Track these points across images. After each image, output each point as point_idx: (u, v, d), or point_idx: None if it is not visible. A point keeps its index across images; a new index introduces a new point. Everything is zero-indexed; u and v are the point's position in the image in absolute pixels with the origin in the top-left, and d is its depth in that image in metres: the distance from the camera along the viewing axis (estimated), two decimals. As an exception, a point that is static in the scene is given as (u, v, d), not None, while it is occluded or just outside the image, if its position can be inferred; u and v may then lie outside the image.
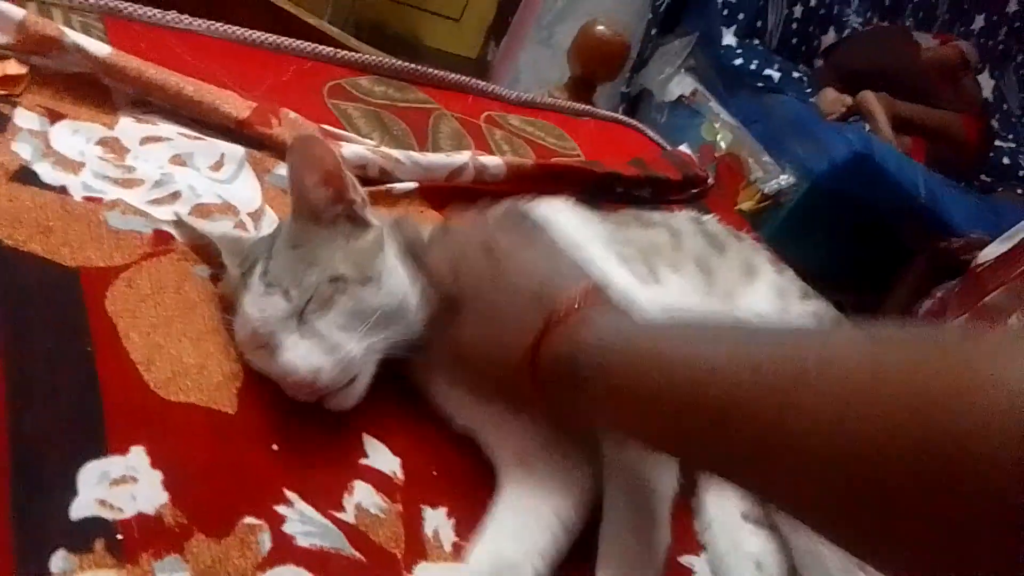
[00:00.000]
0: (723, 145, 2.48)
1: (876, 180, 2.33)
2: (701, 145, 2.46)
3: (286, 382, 0.54)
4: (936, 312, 1.76)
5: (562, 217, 0.69)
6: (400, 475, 0.56)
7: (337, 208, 0.59)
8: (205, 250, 0.63)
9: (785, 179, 2.34)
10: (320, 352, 0.54)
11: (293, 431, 0.54)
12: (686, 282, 0.70)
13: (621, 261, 0.68)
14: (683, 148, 1.24)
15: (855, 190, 2.34)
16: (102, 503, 0.45)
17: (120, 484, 0.46)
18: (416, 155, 0.84)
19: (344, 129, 0.89)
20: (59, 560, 0.42)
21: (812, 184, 2.40)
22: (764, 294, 0.73)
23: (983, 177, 2.93)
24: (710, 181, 1.17)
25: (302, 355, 0.53)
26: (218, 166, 0.74)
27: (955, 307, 1.19)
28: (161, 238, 0.63)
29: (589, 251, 0.64)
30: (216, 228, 0.65)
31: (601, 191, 0.99)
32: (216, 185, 0.72)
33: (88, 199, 0.64)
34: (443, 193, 0.84)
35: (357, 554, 0.50)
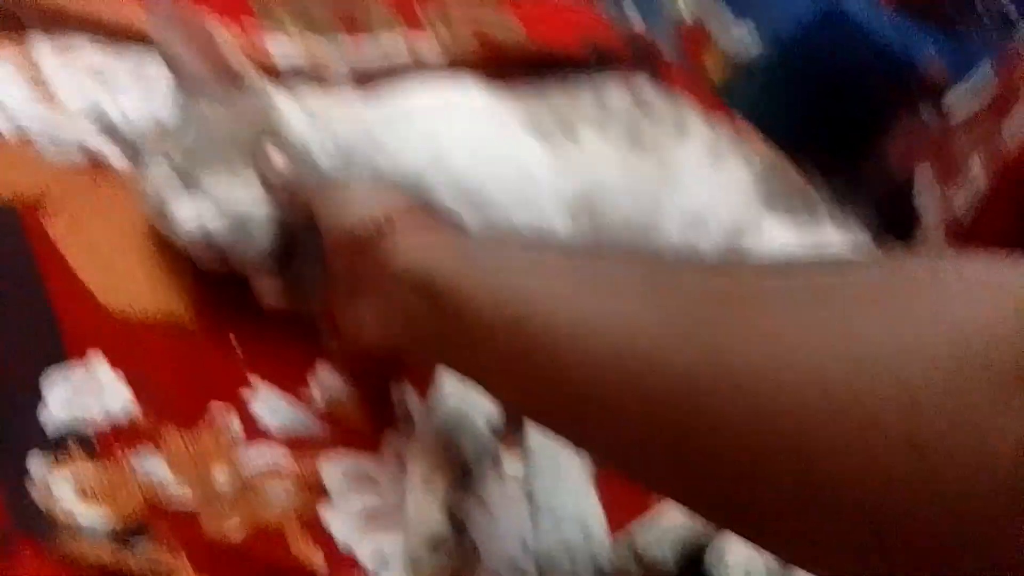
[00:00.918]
0: (685, 15, 2.41)
1: (847, 36, 2.28)
2: (662, 14, 2.39)
3: (189, 249, 0.55)
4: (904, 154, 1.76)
5: (464, 99, 0.69)
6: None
7: (216, 72, 0.59)
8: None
9: (751, 42, 2.29)
10: (205, 210, 0.54)
11: (249, 319, 0.56)
12: (608, 141, 0.70)
13: (529, 129, 0.68)
14: (638, 21, 1.20)
15: (826, 49, 2.30)
16: (69, 406, 0.47)
17: (84, 387, 0.48)
18: (349, 50, 0.82)
19: (263, 21, 0.86)
20: (36, 463, 0.44)
21: (781, 49, 2.35)
22: (695, 149, 0.73)
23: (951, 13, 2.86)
24: (661, 48, 1.14)
25: (189, 216, 0.54)
26: (146, 83, 0.72)
27: (923, 152, 1.18)
28: (95, 159, 0.63)
29: (488, 127, 0.65)
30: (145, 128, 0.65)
31: (545, 72, 0.98)
32: (149, 103, 0.70)
33: (16, 131, 0.63)
34: (375, 77, 0.83)
35: (326, 425, 0.52)
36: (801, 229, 0.70)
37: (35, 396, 0.46)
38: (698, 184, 0.71)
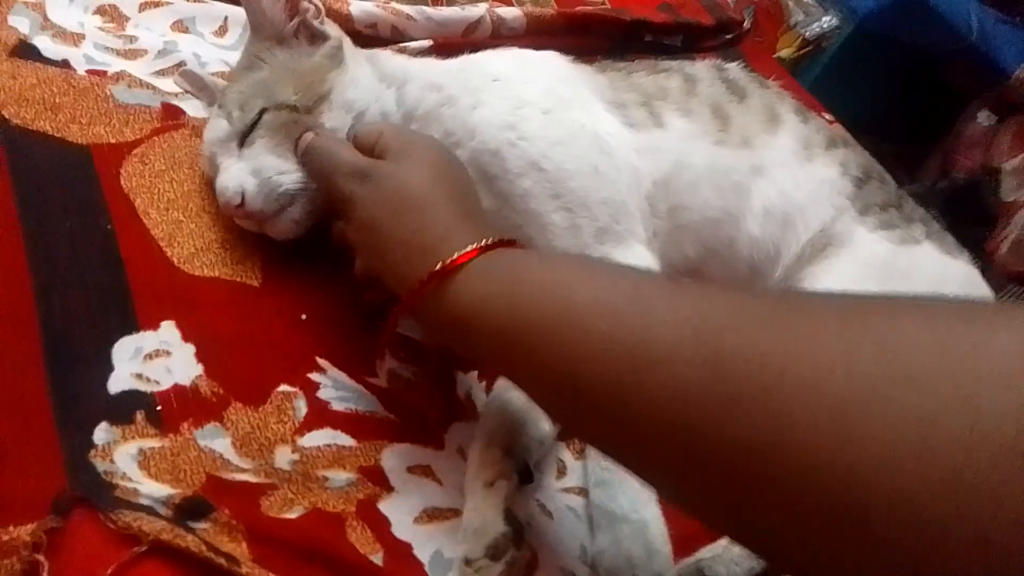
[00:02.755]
0: (762, -11, 2.31)
1: (924, 19, 2.17)
2: (739, -12, 2.30)
3: (220, 204, 0.54)
4: (957, 151, 1.68)
5: (545, 73, 0.65)
6: (429, 342, 0.56)
7: (294, 22, 0.57)
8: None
9: (828, 21, 2.19)
10: (248, 175, 0.53)
11: (320, 301, 0.54)
12: (695, 127, 0.66)
13: (612, 108, 0.65)
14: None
15: (902, 31, 2.19)
16: (138, 376, 0.46)
17: (154, 358, 0.47)
18: (429, 10, 0.79)
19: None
20: (102, 432, 0.43)
21: (856, 26, 2.24)
22: (785, 143, 0.69)
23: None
24: (746, 25, 1.09)
25: (232, 176, 0.53)
26: (222, 31, 0.70)
27: (1014, 145, 1.11)
28: (170, 112, 0.61)
29: (570, 104, 0.62)
30: (221, 82, 0.63)
31: (629, 41, 0.93)
32: (222, 51, 0.69)
33: (92, 72, 0.62)
34: (459, 49, 0.80)
35: (392, 416, 0.51)
36: (896, 247, 0.66)
37: (106, 364, 0.45)
38: (787, 180, 0.68)
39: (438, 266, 0.43)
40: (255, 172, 0.53)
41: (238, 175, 0.53)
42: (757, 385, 0.31)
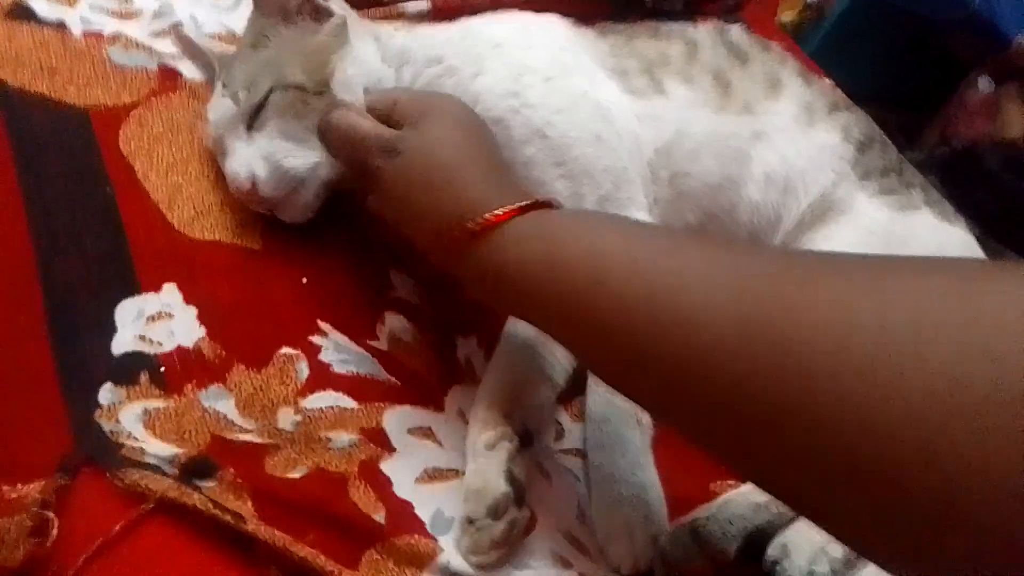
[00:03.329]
0: (764, -49, 2.27)
1: (929, -15, 2.15)
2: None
3: (231, 188, 0.54)
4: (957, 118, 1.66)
5: (547, 38, 0.64)
6: (429, 307, 0.57)
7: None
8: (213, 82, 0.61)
9: (830, -13, 2.16)
10: (259, 159, 0.53)
11: (321, 265, 0.55)
12: (696, 95, 0.66)
13: (614, 75, 0.64)
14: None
15: (905, -3, 2.17)
16: (141, 338, 0.46)
17: (157, 320, 0.48)
18: (430, -30, 0.78)
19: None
20: (107, 393, 0.44)
21: (859, -7, 2.22)
22: (787, 109, 0.69)
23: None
24: (749, -9, 1.07)
25: (242, 161, 0.53)
26: (219, -8, 0.70)
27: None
28: (168, 74, 0.61)
29: (572, 71, 0.62)
30: (219, 49, 0.63)
31: (630, 5, 0.92)
32: (218, 13, 0.68)
33: (88, 34, 0.61)
34: (458, 12, 0.79)
35: (392, 379, 0.51)
36: (896, 213, 0.66)
37: (109, 327, 0.46)
38: (788, 146, 0.67)
39: (477, 222, 0.44)
40: (266, 156, 0.53)
41: (249, 160, 0.53)
42: (790, 339, 0.32)
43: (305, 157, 0.54)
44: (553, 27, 0.67)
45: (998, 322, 0.28)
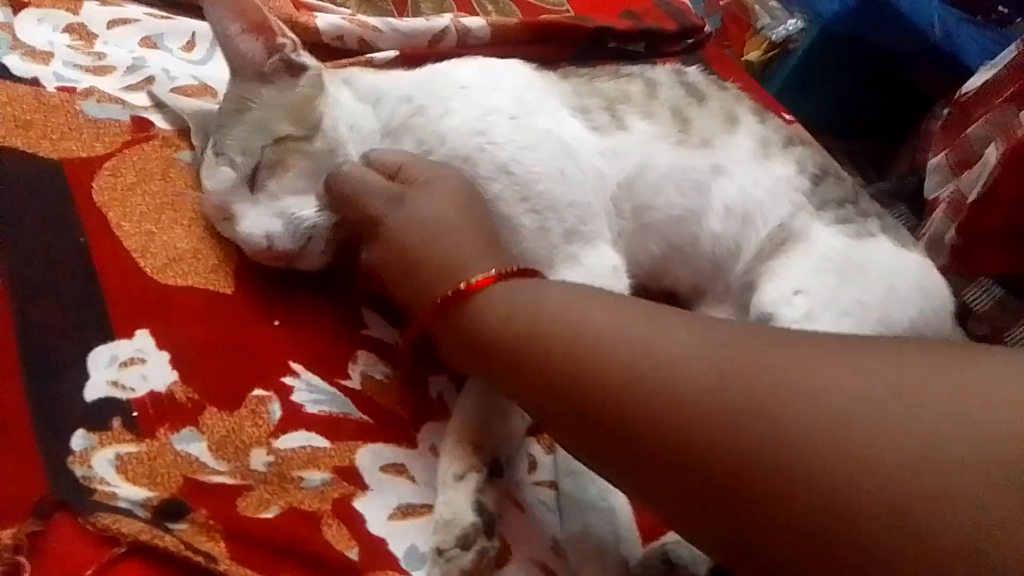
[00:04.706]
0: (728, -6, 2.35)
1: (888, 20, 2.21)
2: (704, -9, 2.33)
3: (246, 250, 0.55)
4: (923, 147, 1.71)
5: (510, 80, 0.67)
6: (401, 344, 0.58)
7: (273, 59, 0.58)
8: (186, 133, 0.63)
9: (793, 24, 2.23)
10: (271, 217, 0.54)
11: (293, 307, 0.56)
12: (656, 128, 0.68)
13: (576, 113, 0.67)
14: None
15: (867, 32, 2.23)
16: (114, 384, 0.47)
17: (129, 366, 0.48)
18: (395, 21, 0.80)
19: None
20: (79, 439, 0.44)
21: (822, 28, 2.28)
22: (744, 143, 0.71)
23: (1000, 8, 2.77)
24: (707, 29, 1.11)
25: (254, 223, 0.54)
26: (190, 46, 0.72)
27: (939, 141, 1.15)
28: (140, 125, 0.62)
29: (536, 110, 0.64)
30: (189, 104, 0.64)
31: (592, 48, 0.96)
32: (190, 66, 0.70)
33: (61, 89, 0.62)
34: (425, 60, 0.81)
35: (365, 416, 0.52)
36: (853, 240, 0.68)
37: (81, 373, 0.46)
38: (746, 178, 0.70)
39: (462, 285, 0.46)
40: (279, 214, 0.54)
41: (261, 220, 0.54)
42: (766, 400, 0.32)
43: (313, 202, 0.55)
44: (517, 70, 0.69)
45: (975, 392, 0.29)
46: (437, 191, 0.51)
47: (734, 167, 0.70)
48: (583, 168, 0.64)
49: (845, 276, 0.67)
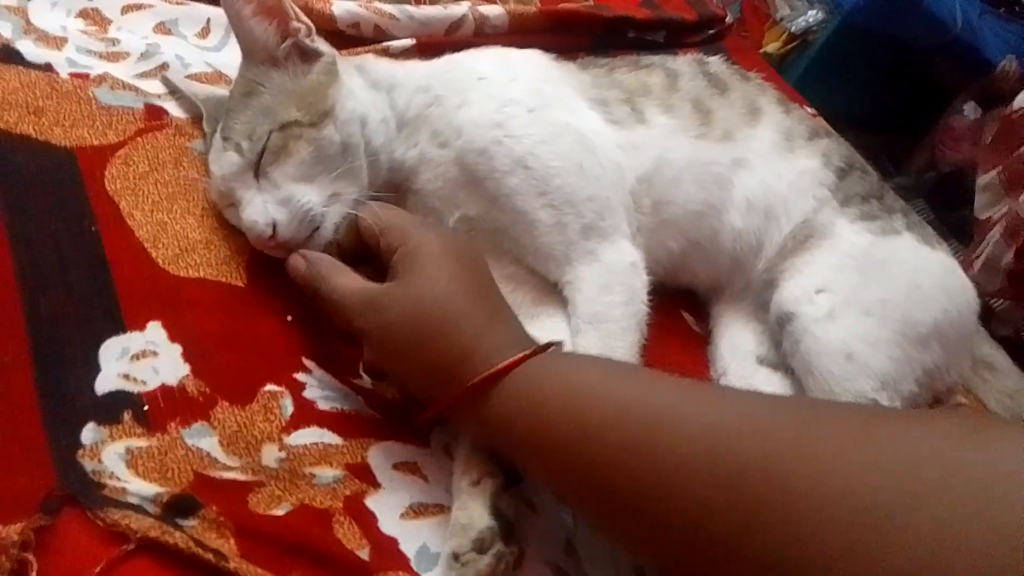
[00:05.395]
0: (748, -17, 2.31)
1: (909, 12, 2.18)
2: (724, -19, 2.30)
3: (250, 237, 0.54)
4: (943, 143, 1.67)
5: (529, 71, 0.66)
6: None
7: (286, 44, 0.57)
8: (199, 121, 0.62)
9: (813, 15, 2.20)
10: (275, 205, 0.53)
11: (306, 303, 0.55)
12: (676, 122, 0.67)
13: (595, 106, 0.66)
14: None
15: (887, 24, 2.20)
16: (125, 377, 0.46)
17: (141, 358, 0.48)
18: (411, 9, 0.79)
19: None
20: (89, 432, 0.44)
21: (842, 20, 2.25)
22: (767, 135, 0.70)
23: (1024, 0, 2.72)
24: (728, 19, 1.09)
25: (258, 210, 0.53)
26: (205, 32, 0.71)
27: (988, 158, 1.12)
28: (153, 113, 0.62)
29: (554, 103, 0.63)
30: (203, 90, 0.63)
31: (612, 37, 0.94)
32: (204, 53, 0.69)
33: (75, 75, 0.62)
34: (442, 49, 0.80)
35: (377, 414, 0.51)
36: (877, 237, 0.67)
37: (92, 366, 0.46)
38: (769, 172, 0.68)
39: (465, 385, 0.46)
40: (282, 201, 0.53)
41: (265, 207, 0.53)
42: (779, 497, 0.33)
43: (320, 193, 0.54)
44: (535, 61, 0.68)
45: (985, 485, 0.29)
46: (417, 276, 0.49)
47: (756, 160, 0.68)
48: (602, 162, 0.62)
49: (868, 274, 0.66)
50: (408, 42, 0.78)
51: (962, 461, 0.31)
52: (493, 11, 0.83)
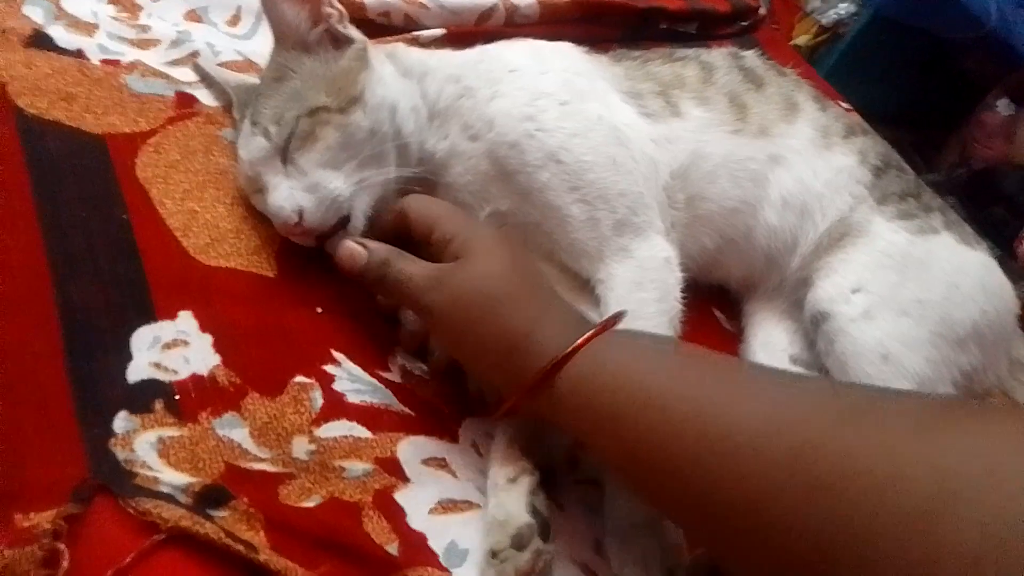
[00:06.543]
0: (778, -25, 2.28)
1: (943, 6, 2.14)
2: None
3: (276, 224, 0.53)
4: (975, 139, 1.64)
5: (561, 64, 0.65)
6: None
7: (318, 29, 0.56)
8: (230, 109, 0.61)
9: (844, 8, 2.16)
10: (302, 192, 0.52)
11: (335, 294, 0.54)
12: (712, 116, 0.66)
13: (629, 98, 0.64)
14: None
15: (920, 18, 2.16)
16: (157, 366, 0.46)
17: (172, 347, 0.47)
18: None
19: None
20: (121, 421, 0.43)
21: (874, 13, 2.21)
22: (804, 132, 0.68)
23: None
24: (762, 11, 1.08)
25: (284, 196, 0.52)
26: (235, 20, 0.70)
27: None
28: (184, 101, 0.61)
29: (587, 96, 0.62)
30: (234, 78, 0.63)
31: (643, 28, 0.93)
32: (235, 41, 0.68)
33: (106, 62, 0.62)
34: (473, 38, 0.79)
35: (406, 409, 0.51)
36: (914, 236, 0.65)
37: (124, 354, 0.46)
38: (805, 169, 0.67)
39: (534, 373, 0.46)
40: (309, 188, 0.52)
41: (292, 193, 0.52)
42: (839, 479, 0.33)
43: (348, 179, 0.53)
44: (567, 53, 0.67)
45: None
46: (477, 260, 0.49)
47: (793, 157, 0.67)
48: (635, 156, 0.61)
49: (906, 274, 0.64)
50: (438, 32, 0.78)
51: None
52: (524, 0, 0.82)
